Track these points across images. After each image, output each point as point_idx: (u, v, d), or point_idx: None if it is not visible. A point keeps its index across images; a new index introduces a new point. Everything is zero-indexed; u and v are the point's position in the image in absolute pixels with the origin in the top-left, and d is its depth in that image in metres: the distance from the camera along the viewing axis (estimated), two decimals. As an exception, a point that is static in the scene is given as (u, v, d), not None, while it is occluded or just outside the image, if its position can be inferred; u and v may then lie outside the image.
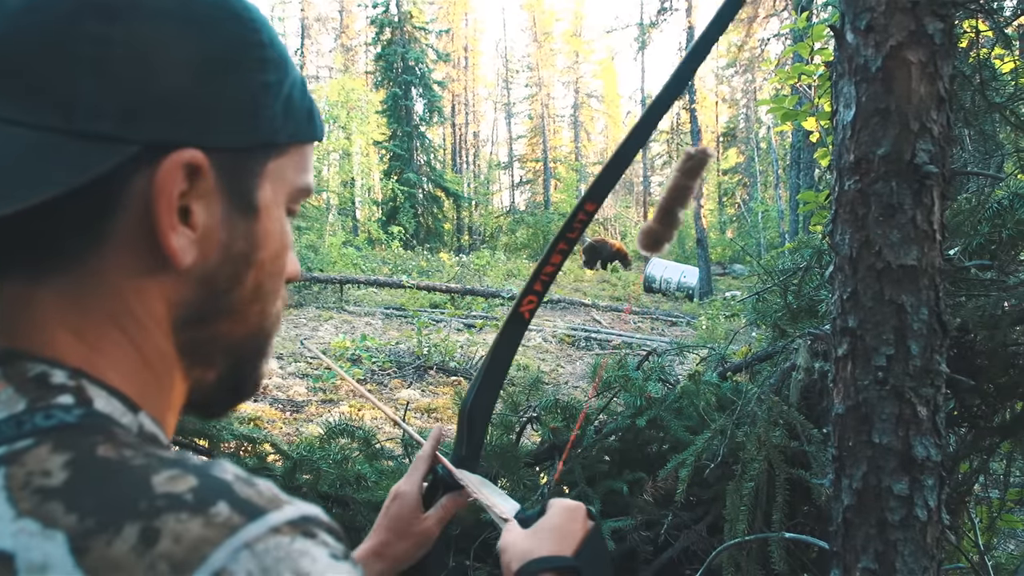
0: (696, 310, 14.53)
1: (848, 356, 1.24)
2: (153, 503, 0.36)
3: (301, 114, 0.52)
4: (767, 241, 24.10)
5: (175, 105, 0.44)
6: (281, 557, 0.36)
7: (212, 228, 0.47)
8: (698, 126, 19.79)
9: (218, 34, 0.46)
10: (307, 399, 6.60)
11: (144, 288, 0.46)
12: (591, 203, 0.91)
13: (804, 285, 2.18)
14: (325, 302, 13.17)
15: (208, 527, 0.36)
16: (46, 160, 0.41)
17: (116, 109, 0.42)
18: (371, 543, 0.88)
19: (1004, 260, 1.74)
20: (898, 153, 1.17)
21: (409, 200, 27.91)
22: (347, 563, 0.39)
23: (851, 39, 1.21)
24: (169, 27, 0.44)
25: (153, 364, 0.47)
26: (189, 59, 0.44)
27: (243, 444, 2.03)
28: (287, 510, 0.38)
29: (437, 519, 0.90)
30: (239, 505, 0.37)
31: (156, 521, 0.35)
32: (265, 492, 0.39)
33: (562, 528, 0.78)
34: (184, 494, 0.37)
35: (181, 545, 0.35)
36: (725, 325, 10.10)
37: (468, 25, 42.77)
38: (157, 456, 0.40)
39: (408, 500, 0.90)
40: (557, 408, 2.13)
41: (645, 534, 1.88)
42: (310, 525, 0.38)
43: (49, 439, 0.39)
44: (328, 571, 0.37)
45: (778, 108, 3.16)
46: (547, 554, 0.75)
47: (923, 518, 1.20)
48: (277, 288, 0.53)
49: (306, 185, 0.53)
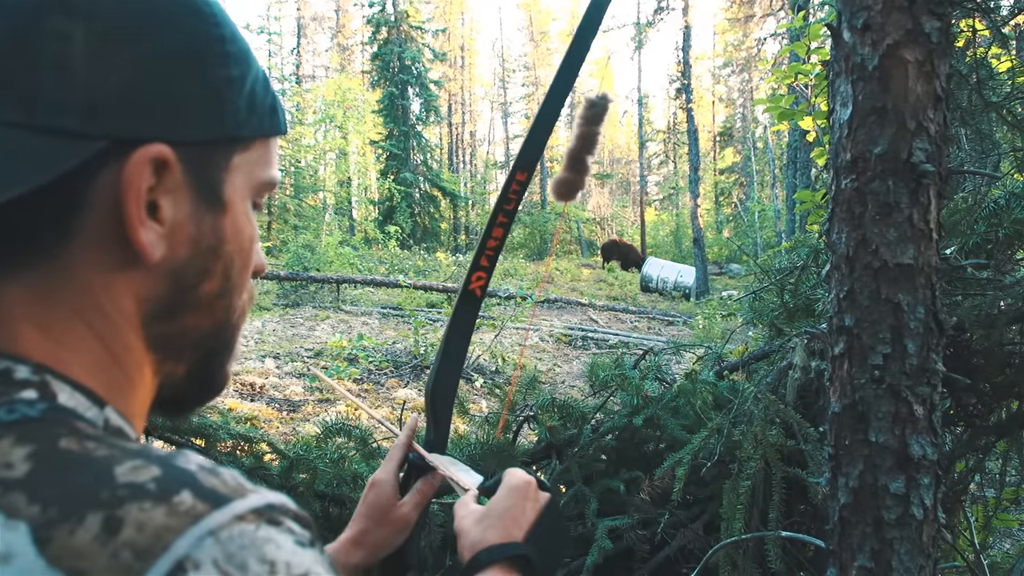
0: (693, 309, 14.55)
1: (844, 355, 1.25)
2: (115, 493, 0.36)
3: (264, 108, 0.52)
4: (764, 241, 24.14)
5: (139, 100, 0.44)
6: (245, 544, 0.36)
7: (180, 222, 0.47)
8: (695, 125, 19.80)
9: (180, 29, 0.46)
10: (303, 399, 6.59)
11: (113, 283, 0.46)
12: (521, 173, 0.92)
13: (801, 284, 2.19)
14: (322, 302, 13.15)
15: (171, 515, 0.36)
16: (11, 157, 0.41)
17: (79, 105, 0.42)
18: (350, 532, 0.90)
19: (1000, 259, 1.75)
20: (895, 152, 1.17)
21: (406, 200, 27.89)
22: (313, 550, 0.39)
23: (848, 38, 1.21)
24: (130, 23, 0.44)
25: (121, 359, 0.47)
26: (152, 54, 0.45)
27: (240, 444, 2.03)
28: (252, 498, 0.38)
29: (413, 504, 0.92)
30: (203, 494, 0.37)
31: (119, 510, 0.35)
32: (229, 481, 0.39)
33: (512, 510, 0.78)
34: (147, 483, 0.37)
35: (144, 533, 0.35)
36: (722, 324, 10.11)
37: (464, 24, 42.74)
38: (121, 447, 0.40)
39: (384, 488, 0.91)
40: (554, 407, 2.13)
41: (642, 532, 1.88)
42: (275, 513, 0.39)
43: (11, 432, 0.39)
44: (293, 557, 0.37)
45: (775, 108, 3.17)
46: (496, 542, 0.76)
47: (919, 517, 1.20)
48: (243, 282, 0.54)
49: (271, 179, 0.54)
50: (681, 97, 25.13)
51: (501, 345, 8.95)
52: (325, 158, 29.32)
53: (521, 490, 0.80)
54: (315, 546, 0.40)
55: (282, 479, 1.94)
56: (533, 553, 0.75)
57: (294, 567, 0.37)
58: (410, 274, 16.20)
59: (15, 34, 0.42)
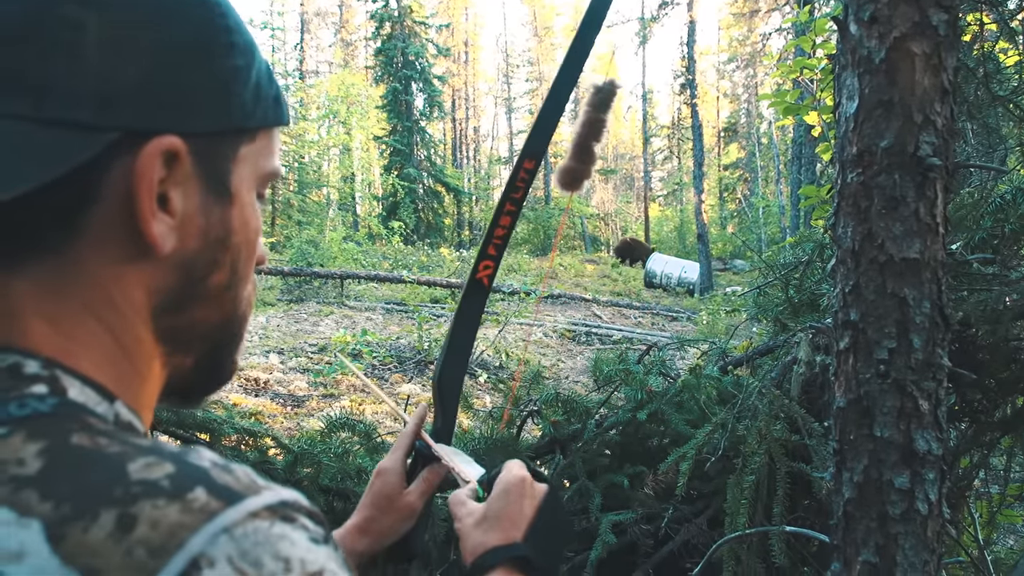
0: (697, 305, 14.53)
1: (850, 349, 1.24)
2: (129, 490, 0.36)
3: (269, 99, 0.52)
4: (768, 236, 24.09)
5: (150, 91, 0.44)
6: (260, 541, 0.36)
7: (190, 214, 0.47)
8: (699, 121, 19.75)
9: (188, 20, 0.46)
10: (308, 394, 6.60)
11: (123, 276, 0.46)
12: (529, 160, 0.91)
13: (805, 279, 2.18)
14: (326, 297, 13.17)
15: (185, 513, 0.35)
16: (16, 152, 0.40)
17: (92, 95, 0.42)
18: (356, 519, 0.90)
19: (1007, 255, 1.74)
20: (901, 145, 1.16)
21: (409, 195, 27.89)
22: (327, 546, 0.39)
23: (854, 31, 1.20)
24: (140, 13, 0.44)
25: (131, 353, 0.47)
26: (162, 45, 0.44)
27: (244, 438, 2.03)
28: (265, 495, 0.38)
29: (419, 493, 0.91)
30: (217, 490, 0.37)
31: (132, 508, 0.35)
32: (243, 478, 0.39)
33: (509, 509, 0.78)
34: (160, 480, 0.37)
35: (158, 531, 0.35)
36: (726, 320, 10.11)
37: (468, 20, 42.66)
38: (133, 444, 0.39)
39: (391, 476, 0.91)
40: (558, 402, 2.13)
41: (646, 527, 1.88)
42: (289, 509, 0.39)
43: (23, 428, 0.39)
44: (308, 554, 0.37)
45: (780, 103, 3.15)
46: (496, 544, 0.75)
47: (924, 512, 1.19)
48: (249, 273, 0.54)
49: (274, 169, 0.54)
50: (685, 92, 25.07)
51: (505, 341, 8.95)
52: (329, 154, 29.32)
53: (516, 488, 0.79)
54: (329, 543, 0.39)
55: (287, 473, 1.94)
56: (533, 552, 0.75)
57: (308, 564, 0.37)
58: (414, 270, 16.22)
59: (28, 21, 0.41)
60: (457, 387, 0.97)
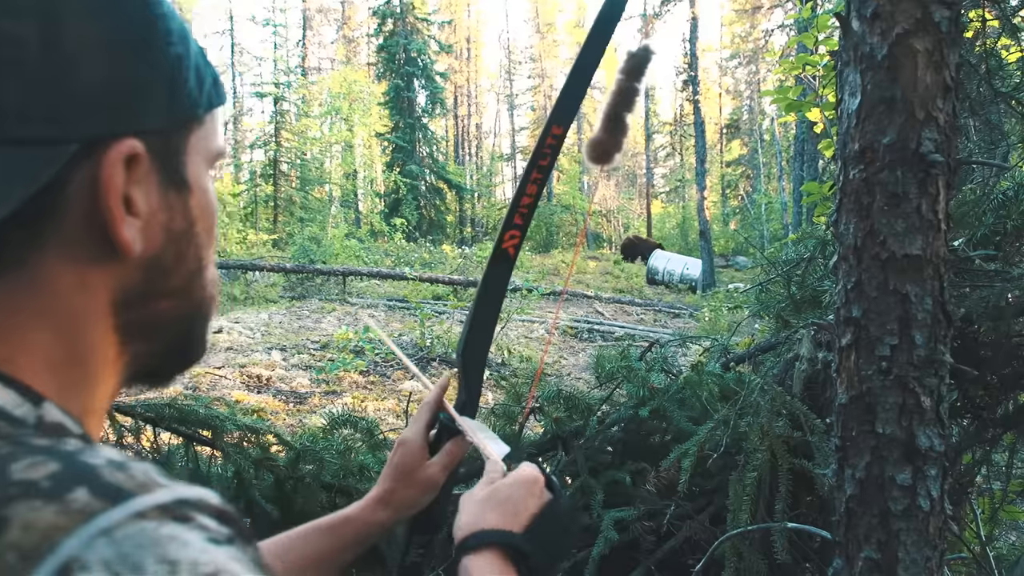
0: (699, 302, 14.52)
1: (852, 346, 1.24)
2: (6, 491, 0.34)
3: (208, 81, 0.51)
4: (770, 233, 24.06)
5: (101, 95, 0.43)
6: (143, 543, 0.33)
7: (153, 211, 0.47)
8: (701, 117, 19.73)
9: (124, 14, 0.45)
10: (310, 391, 6.62)
11: (87, 279, 0.45)
12: (557, 127, 0.88)
13: (808, 276, 2.18)
14: (328, 294, 13.19)
15: (61, 514, 0.33)
16: None
17: (46, 110, 0.41)
18: (377, 491, 0.88)
19: (1009, 251, 1.74)
20: (903, 142, 1.16)
21: (412, 192, 27.90)
22: (230, 547, 0.36)
23: (857, 27, 1.20)
24: (77, 17, 0.43)
25: (83, 359, 0.46)
26: (104, 46, 0.43)
27: (246, 435, 2.04)
28: (159, 493, 0.36)
29: (441, 465, 0.90)
30: (101, 490, 0.35)
31: (6, 510, 0.34)
32: (138, 476, 0.37)
33: (513, 499, 0.76)
34: (41, 481, 0.35)
35: (30, 534, 0.33)
36: (728, 317, 10.09)
37: (470, 16, 42.61)
38: (28, 444, 0.38)
39: (412, 447, 0.89)
40: (560, 399, 2.13)
41: (648, 524, 1.88)
42: (186, 508, 0.36)
43: None
44: (201, 555, 0.34)
45: (782, 99, 3.15)
46: (491, 527, 0.73)
47: (926, 508, 1.19)
48: (212, 255, 0.54)
49: (220, 149, 0.54)
50: (688, 89, 25.02)
51: (507, 337, 8.96)
52: (331, 150, 29.31)
53: (528, 483, 0.78)
54: (234, 543, 0.36)
55: (289, 470, 1.95)
56: (528, 546, 0.73)
57: (201, 566, 0.34)
58: (416, 266, 16.22)
59: None
60: (482, 359, 0.94)
